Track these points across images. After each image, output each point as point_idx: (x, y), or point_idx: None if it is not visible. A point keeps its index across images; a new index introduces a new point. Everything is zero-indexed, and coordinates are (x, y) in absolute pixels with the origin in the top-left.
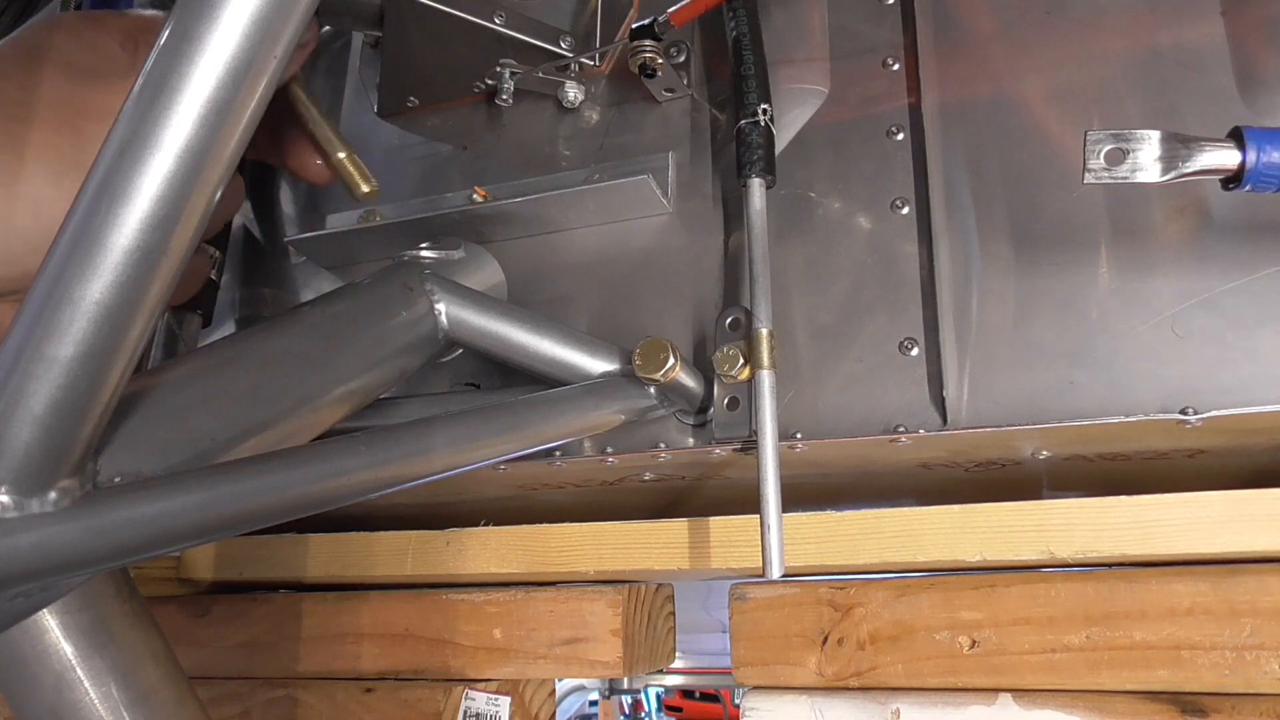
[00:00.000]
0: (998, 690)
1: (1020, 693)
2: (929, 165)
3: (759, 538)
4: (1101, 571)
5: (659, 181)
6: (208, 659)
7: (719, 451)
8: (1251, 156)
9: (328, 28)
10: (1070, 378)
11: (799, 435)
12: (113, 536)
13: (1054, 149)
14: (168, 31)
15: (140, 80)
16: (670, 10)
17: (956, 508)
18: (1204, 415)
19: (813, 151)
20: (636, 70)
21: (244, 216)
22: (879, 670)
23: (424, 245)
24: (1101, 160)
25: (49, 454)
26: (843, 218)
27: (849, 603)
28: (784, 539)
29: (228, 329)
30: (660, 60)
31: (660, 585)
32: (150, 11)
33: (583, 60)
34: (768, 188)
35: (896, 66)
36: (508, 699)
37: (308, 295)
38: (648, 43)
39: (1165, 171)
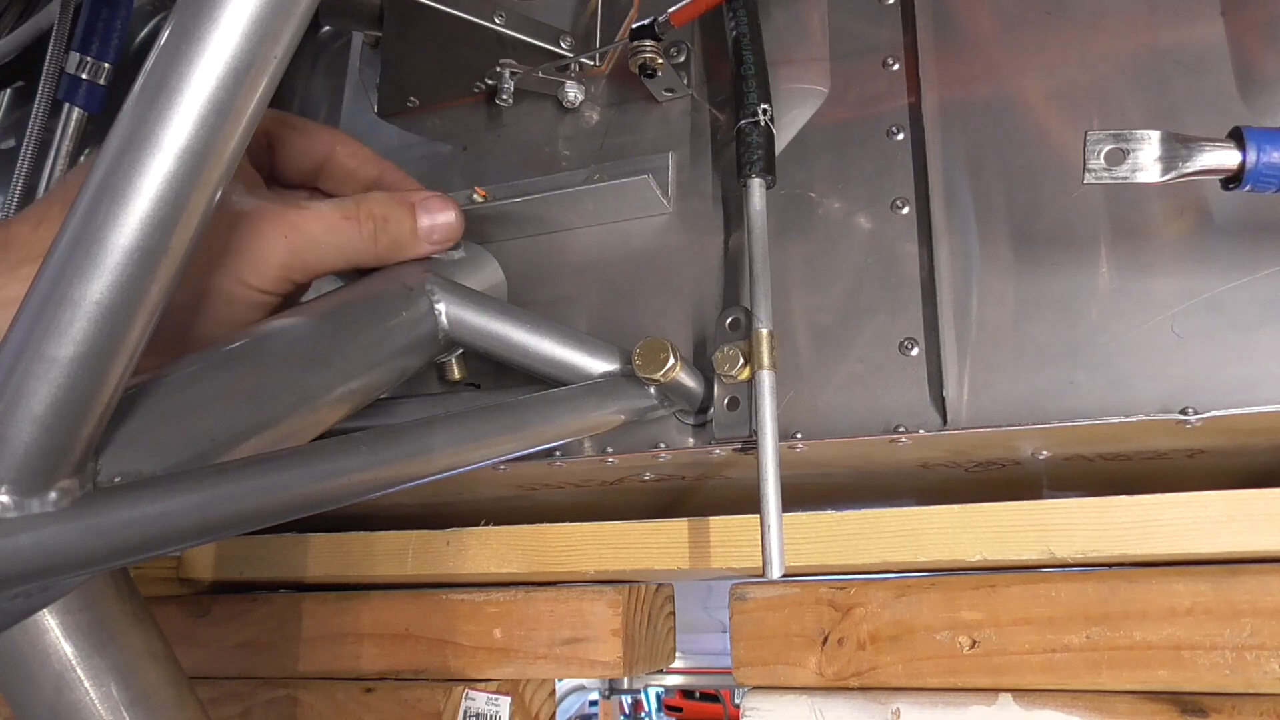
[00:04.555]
0: (998, 690)
1: (1020, 693)
2: (929, 165)
3: (759, 538)
4: (1102, 571)
5: (659, 181)
6: (208, 659)
7: (719, 451)
8: (1251, 156)
9: (326, 28)
10: (1070, 378)
11: (799, 435)
12: (113, 536)
13: (1054, 149)
14: (168, 31)
15: (140, 80)
16: (670, 10)
17: (956, 508)
18: (1204, 415)
19: (813, 151)
20: (636, 70)
21: None
22: (879, 670)
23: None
24: (1101, 160)
25: (49, 454)
26: (843, 218)
27: (849, 603)
28: (784, 539)
29: None
30: (660, 60)
31: (660, 585)
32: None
33: (583, 60)
34: (768, 188)
35: (896, 66)
36: (508, 699)
37: (307, 295)
38: (648, 43)
39: (1165, 172)
